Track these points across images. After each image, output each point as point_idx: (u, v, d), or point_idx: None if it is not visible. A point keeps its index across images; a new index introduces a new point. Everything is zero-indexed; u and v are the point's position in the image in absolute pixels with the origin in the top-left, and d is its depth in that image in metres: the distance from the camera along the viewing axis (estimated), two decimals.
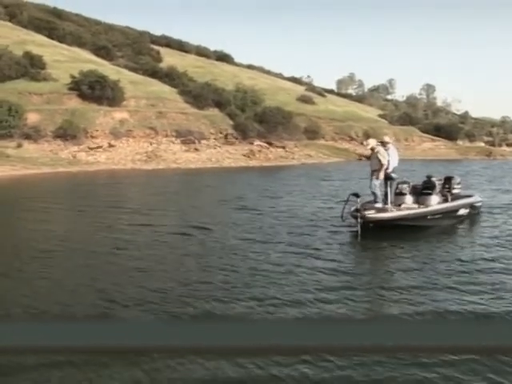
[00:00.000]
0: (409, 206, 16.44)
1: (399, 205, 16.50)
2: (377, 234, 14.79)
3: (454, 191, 18.65)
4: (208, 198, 24.81)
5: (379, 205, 15.79)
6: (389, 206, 15.93)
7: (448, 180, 18.94)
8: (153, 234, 15.67)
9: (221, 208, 21.24)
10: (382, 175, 15.99)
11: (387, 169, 16.06)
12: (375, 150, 16.17)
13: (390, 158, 16.37)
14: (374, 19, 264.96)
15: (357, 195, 15.13)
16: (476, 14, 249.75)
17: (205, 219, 18.00)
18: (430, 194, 17.22)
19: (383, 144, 17.02)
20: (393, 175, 16.30)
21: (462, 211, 18.06)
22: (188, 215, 19.27)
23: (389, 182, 16.27)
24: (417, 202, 16.92)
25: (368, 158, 16.79)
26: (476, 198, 19.35)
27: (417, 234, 15.24)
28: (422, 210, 16.30)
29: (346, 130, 71.21)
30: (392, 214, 15.60)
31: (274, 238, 14.99)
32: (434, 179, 18.01)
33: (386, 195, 16.40)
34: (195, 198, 25.39)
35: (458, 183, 19.29)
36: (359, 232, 14.51)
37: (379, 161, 15.89)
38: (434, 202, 17.08)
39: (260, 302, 9.35)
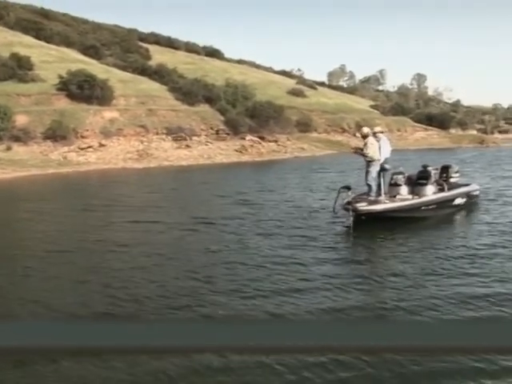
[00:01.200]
0: (403, 197, 16.22)
1: (394, 196, 16.33)
2: (369, 227, 14.70)
3: (452, 180, 18.51)
4: (203, 194, 24.56)
5: (372, 197, 15.56)
6: (382, 197, 15.68)
7: (445, 169, 18.78)
8: (155, 230, 15.86)
9: (215, 204, 21.21)
10: (377, 167, 15.81)
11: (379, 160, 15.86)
12: (366, 140, 16.01)
13: (382, 148, 16.15)
14: (362, 10, 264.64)
15: (348, 188, 15.10)
16: (465, 6, 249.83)
17: (201, 214, 18.17)
18: (425, 184, 16.99)
19: (375, 135, 16.82)
20: (386, 166, 16.07)
21: (459, 200, 17.83)
22: (186, 211, 19.41)
23: (381, 173, 16.03)
24: (412, 192, 16.73)
25: (361, 151, 16.34)
26: (473, 187, 19.09)
27: (410, 226, 15.12)
28: (415, 201, 16.08)
29: (338, 122, 70.95)
30: (384, 205, 15.41)
31: (268, 231, 15.05)
32: (429, 169, 17.76)
33: (379, 186, 16.21)
34: (190, 194, 25.32)
35: (456, 172, 19.08)
36: (351, 225, 14.43)
37: (373, 150, 15.73)
38: (430, 192, 16.86)
39: (246, 292, 9.59)
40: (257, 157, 50.21)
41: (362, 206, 14.88)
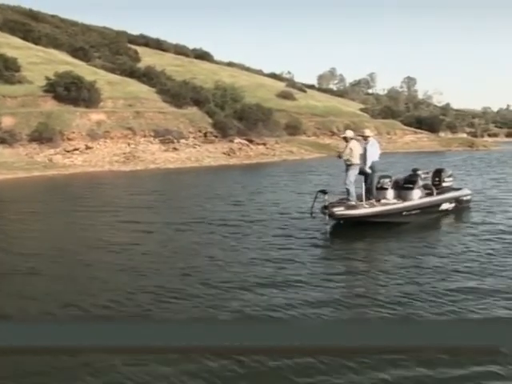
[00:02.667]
0: (386, 202, 15.98)
1: (380, 200, 16.08)
2: (347, 232, 14.78)
3: (445, 184, 18.28)
4: (187, 197, 24.29)
5: (352, 201, 15.30)
6: (362, 202, 15.45)
7: (438, 173, 18.60)
8: (140, 231, 16.03)
9: (197, 206, 20.86)
10: (356, 171, 15.56)
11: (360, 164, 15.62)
12: (348, 143, 15.76)
13: (369, 152, 15.93)
14: (352, 13, 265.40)
15: (324, 192, 14.89)
16: (454, 7, 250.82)
17: (183, 216, 18.37)
18: (412, 188, 16.75)
19: (364, 138, 16.61)
20: (367, 170, 15.80)
21: (446, 206, 17.63)
22: (170, 214, 19.40)
23: (363, 178, 15.80)
24: (398, 196, 16.51)
25: (340, 155, 16.13)
26: (463, 192, 18.79)
27: (389, 231, 14.85)
28: (396, 206, 15.83)
29: (327, 125, 70.87)
30: (362, 210, 15.14)
31: (244, 233, 15.13)
32: (419, 172, 17.55)
33: (367, 190, 16.02)
34: (174, 197, 24.99)
35: (449, 176, 18.87)
36: (328, 229, 14.42)
37: (352, 154, 15.46)
38: (416, 197, 16.64)
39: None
40: (245, 160, 49.96)
41: (339, 211, 14.71)
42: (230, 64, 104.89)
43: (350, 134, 16.38)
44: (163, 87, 59.91)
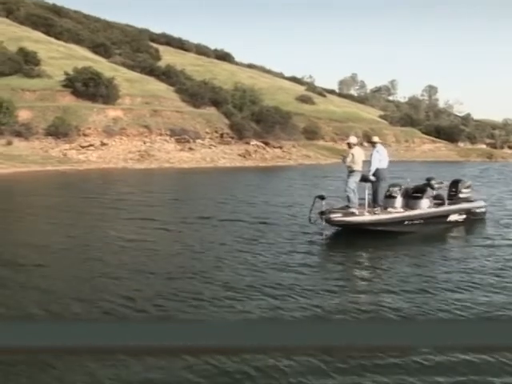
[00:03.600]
0: (390, 211, 15.66)
1: (386, 208, 15.84)
2: (345, 239, 14.77)
3: (462, 195, 17.89)
4: (197, 198, 24.00)
5: (353, 209, 15.05)
6: (364, 209, 15.19)
7: (455, 183, 18.27)
8: (149, 228, 16.21)
9: (203, 207, 20.54)
10: (357, 178, 15.34)
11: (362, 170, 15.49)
12: (351, 149, 15.59)
13: (374, 159, 15.76)
14: (377, 19, 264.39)
15: (322, 197, 14.71)
16: (476, 14, 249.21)
17: (187, 215, 18.40)
18: (420, 197, 16.39)
19: (372, 144, 16.52)
20: (371, 177, 15.56)
21: (455, 217, 17.17)
22: (177, 213, 19.28)
23: (367, 185, 15.56)
24: (406, 205, 16.19)
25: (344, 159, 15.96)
26: (476, 204, 18.19)
27: (387, 240, 14.52)
28: (397, 215, 15.51)
29: (345, 131, 70.16)
30: (359, 218, 14.92)
31: (244, 237, 15.03)
32: (433, 182, 17.12)
33: (373, 197, 15.82)
34: (185, 197, 24.70)
35: (467, 187, 18.41)
36: (324, 235, 14.40)
37: (353, 160, 15.26)
38: (424, 206, 16.28)
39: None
40: (260, 162, 49.65)
41: (336, 217, 14.57)
42: (250, 66, 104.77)
43: (353, 140, 16.13)
44: (182, 86, 59.80)
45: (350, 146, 15.82)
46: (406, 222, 15.59)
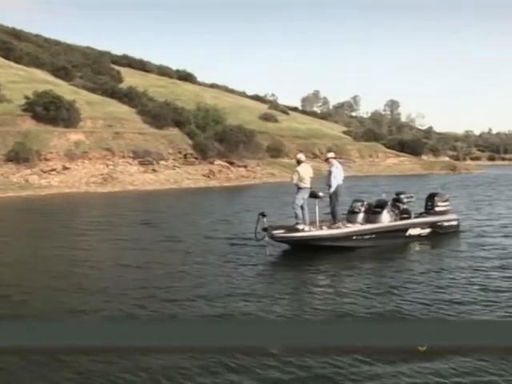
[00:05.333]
0: (338, 226, 15.76)
1: (349, 223, 16.18)
2: (290, 254, 15.13)
3: (438, 209, 18.03)
4: (157, 221, 23.82)
5: (300, 225, 15.25)
6: (311, 225, 15.40)
7: (431, 197, 18.40)
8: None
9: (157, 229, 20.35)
10: (304, 194, 15.56)
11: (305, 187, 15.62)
12: (298, 166, 15.89)
13: (335, 176, 15.99)
14: (337, 35, 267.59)
15: (263, 215, 14.93)
16: (435, 28, 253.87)
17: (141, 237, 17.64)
18: (380, 212, 16.66)
19: (327, 161, 16.87)
20: (320, 194, 15.78)
21: (416, 231, 17.26)
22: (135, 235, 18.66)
23: (317, 201, 15.71)
24: (367, 220, 16.49)
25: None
26: (443, 217, 18.14)
27: (333, 255, 14.71)
28: (343, 230, 15.56)
29: (309, 148, 70.62)
30: (302, 233, 15.06)
31: (190, 253, 15.53)
32: (402, 196, 17.59)
33: (332, 213, 16.10)
34: (140, 219, 24.45)
35: (445, 200, 18.52)
36: (266, 251, 14.57)
37: (299, 176, 15.59)
38: (385, 220, 16.54)
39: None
40: (225, 182, 49.58)
41: (279, 233, 14.79)
42: (213, 85, 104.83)
43: (301, 157, 16.43)
44: (144, 108, 59.54)
45: (298, 162, 16.04)
46: (355, 237, 15.64)
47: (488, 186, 44.75)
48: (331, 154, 17.43)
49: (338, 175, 16.09)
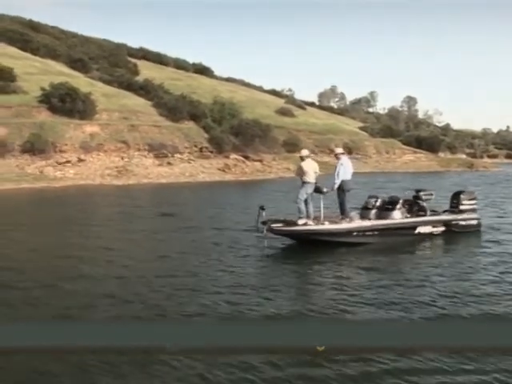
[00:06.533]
0: (341, 221, 15.59)
1: (363, 219, 16.15)
2: (291, 248, 15.36)
3: (464, 207, 17.68)
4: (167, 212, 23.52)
5: (302, 219, 15.21)
6: (314, 220, 15.39)
7: (456, 195, 18.05)
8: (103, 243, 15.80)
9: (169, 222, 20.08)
10: (308, 189, 15.55)
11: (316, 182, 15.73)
12: (302, 161, 15.90)
13: (340, 170, 15.90)
14: (356, 31, 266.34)
15: (262, 208, 15.08)
16: (455, 25, 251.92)
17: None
18: (392, 209, 16.51)
19: (336, 156, 16.71)
20: (324, 189, 15.73)
21: (426, 229, 16.90)
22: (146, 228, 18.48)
23: (322, 196, 15.74)
24: (379, 216, 16.42)
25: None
26: (460, 216, 17.54)
27: (335, 250, 14.72)
28: (342, 226, 15.37)
29: (326, 143, 70.04)
30: (299, 227, 15.03)
31: (199, 250, 15.26)
32: (421, 193, 17.39)
33: (340, 209, 16.06)
34: (157, 212, 24.17)
35: (472, 198, 18.05)
36: (265, 244, 14.78)
37: (303, 171, 15.66)
38: (396, 217, 16.37)
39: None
40: (240, 176, 49.22)
41: (277, 226, 14.88)
42: (229, 79, 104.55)
43: (304, 152, 16.37)
44: (160, 101, 59.27)
45: (302, 158, 16.01)
46: (355, 234, 15.49)
47: (507, 184, 43.92)
48: (339, 150, 17.35)
49: (341, 171, 15.88)
